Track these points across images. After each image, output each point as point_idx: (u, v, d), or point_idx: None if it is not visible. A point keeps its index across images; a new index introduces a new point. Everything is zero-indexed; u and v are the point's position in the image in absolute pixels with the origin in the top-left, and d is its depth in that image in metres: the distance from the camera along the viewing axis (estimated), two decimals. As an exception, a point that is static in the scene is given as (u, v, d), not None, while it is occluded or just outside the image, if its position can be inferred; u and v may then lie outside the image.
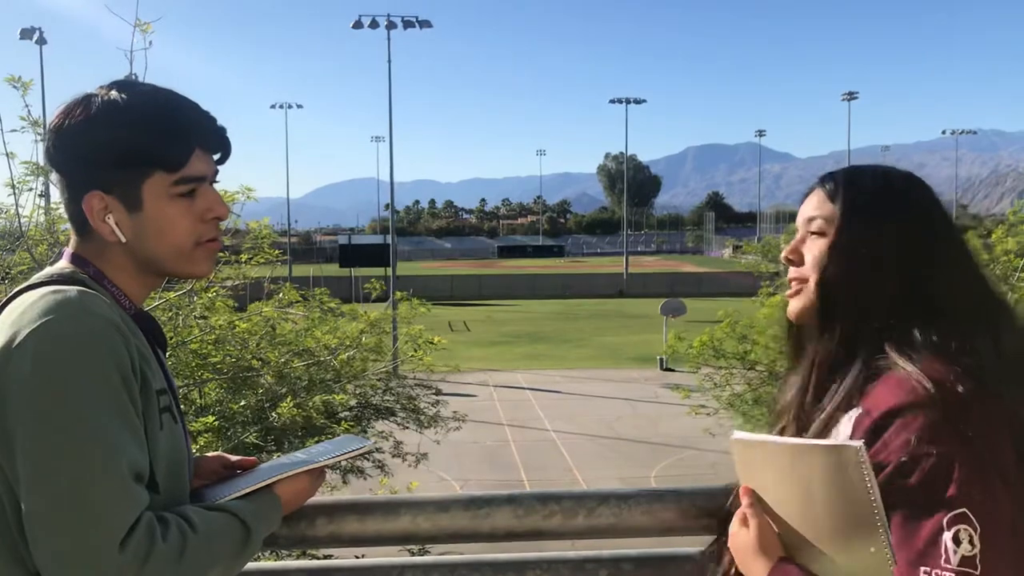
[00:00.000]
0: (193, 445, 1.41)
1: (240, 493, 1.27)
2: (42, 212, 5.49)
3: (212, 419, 4.95)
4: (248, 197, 5.75)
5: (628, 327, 35.11)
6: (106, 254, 1.24)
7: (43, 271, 1.25)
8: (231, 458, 1.48)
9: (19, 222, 5.12)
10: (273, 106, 68.36)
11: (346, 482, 7.78)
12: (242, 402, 6.17)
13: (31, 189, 5.14)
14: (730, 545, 1.20)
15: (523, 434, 17.84)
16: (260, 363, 6.35)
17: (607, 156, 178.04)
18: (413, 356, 7.74)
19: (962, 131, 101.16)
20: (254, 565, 1.70)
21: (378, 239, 55.94)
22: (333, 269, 52.02)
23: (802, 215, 1.28)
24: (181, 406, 1.33)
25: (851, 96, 73.39)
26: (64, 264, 1.25)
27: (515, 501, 1.58)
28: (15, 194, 5.03)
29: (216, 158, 1.29)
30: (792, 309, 1.27)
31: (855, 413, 1.11)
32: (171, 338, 5.45)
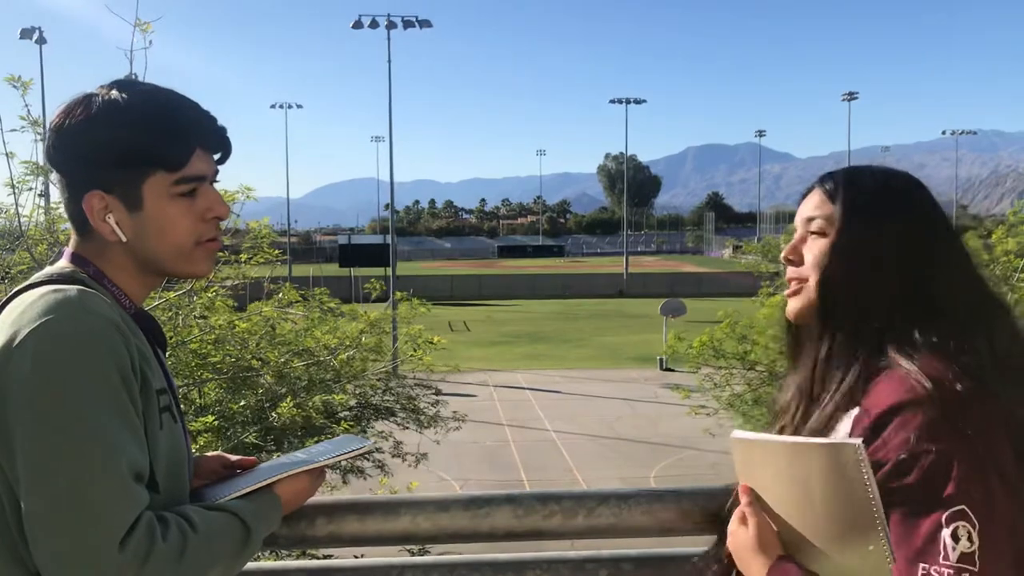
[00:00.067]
0: (193, 445, 1.41)
1: (240, 493, 1.27)
2: (42, 212, 5.50)
3: (212, 419, 4.95)
4: (248, 197, 5.75)
5: (628, 327, 35.11)
6: (106, 254, 1.24)
7: (43, 270, 1.25)
8: (231, 458, 1.48)
9: (19, 221, 5.12)
10: (273, 106, 68.56)
11: (346, 482, 7.78)
12: (242, 402, 6.17)
13: (31, 189, 5.15)
14: (729, 544, 1.20)
15: (523, 434, 17.84)
16: (260, 363, 6.35)
17: (607, 156, 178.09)
18: (413, 356, 7.74)
19: (962, 131, 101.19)
20: (254, 565, 1.70)
21: (378, 239, 55.92)
22: (333, 269, 52.03)
23: (801, 215, 1.28)
24: (181, 406, 1.33)
25: (851, 96, 73.42)
26: (64, 263, 1.24)
27: (515, 501, 1.58)
28: (15, 193, 5.04)
29: (216, 158, 1.29)
30: (791, 309, 1.27)
31: (855, 412, 1.11)
32: (171, 338, 5.45)
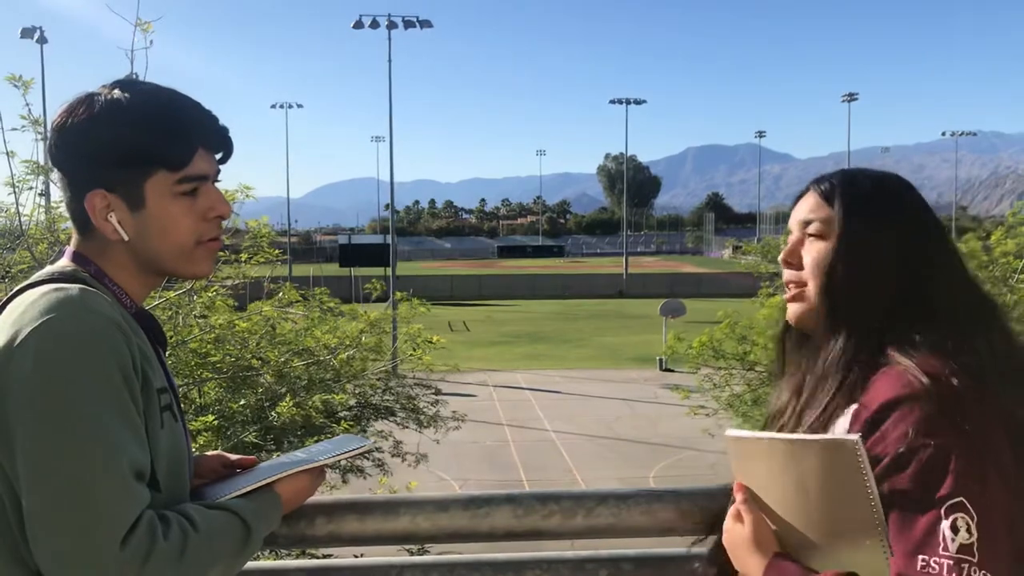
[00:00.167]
0: (192, 444, 1.41)
1: (240, 492, 1.27)
2: (42, 211, 5.50)
3: (212, 418, 4.95)
4: (247, 196, 5.75)
5: (628, 327, 35.10)
6: (107, 253, 1.24)
7: (44, 269, 1.25)
8: (231, 457, 1.48)
9: (19, 221, 5.12)
10: (273, 106, 68.56)
11: (345, 481, 7.79)
12: (241, 401, 6.17)
13: (31, 188, 5.16)
14: (724, 541, 1.20)
15: (522, 434, 17.83)
16: (260, 362, 6.35)
17: (607, 156, 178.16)
18: (412, 355, 7.74)
19: (962, 132, 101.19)
20: (253, 564, 1.70)
21: (378, 239, 55.91)
22: (333, 269, 52.01)
23: (796, 217, 1.28)
24: (181, 405, 1.33)
25: (851, 97, 73.43)
26: (65, 262, 1.25)
27: (514, 501, 1.58)
28: (15, 193, 5.04)
29: (218, 157, 1.29)
30: (793, 314, 1.27)
31: (853, 408, 1.12)
32: (171, 337, 5.46)
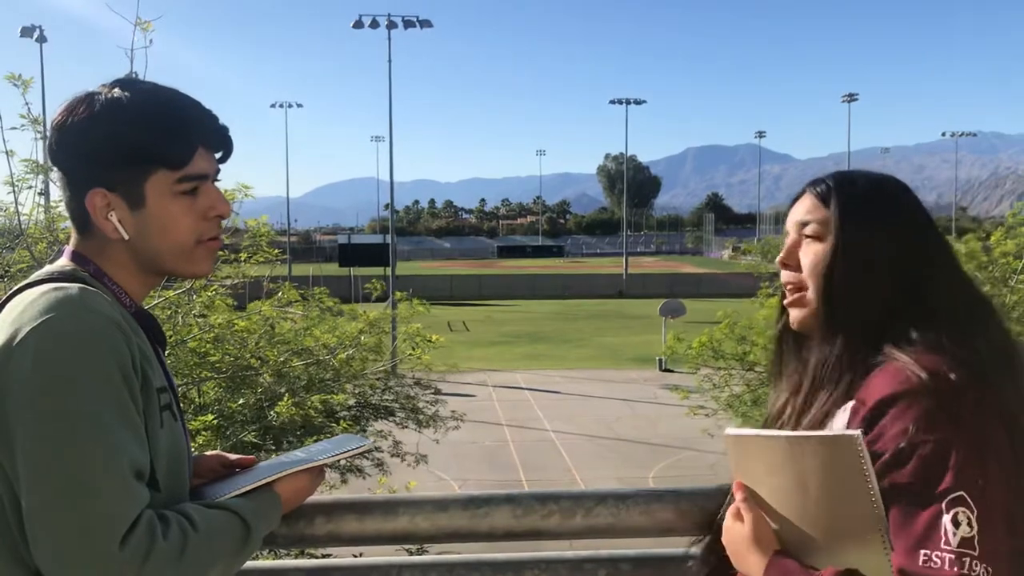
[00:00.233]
0: (192, 444, 1.41)
1: (240, 491, 1.27)
2: (41, 210, 5.50)
3: (211, 418, 4.95)
4: (246, 195, 5.75)
5: (627, 328, 35.10)
6: (107, 252, 1.24)
7: (43, 269, 1.25)
8: (230, 457, 1.48)
9: (19, 220, 5.12)
10: (273, 105, 68.63)
11: (345, 481, 7.79)
12: (241, 401, 6.17)
13: (31, 187, 5.16)
14: (724, 540, 1.20)
15: (522, 434, 17.83)
16: (259, 362, 6.34)
17: (607, 157, 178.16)
18: (411, 354, 7.74)
19: (962, 133, 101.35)
20: (253, 564, 1.70)
21: (378, 239, 55.85)
22: (333, 268, 52.00)
23: (793, 219, 1.29)
24: (181, 404, 1.33)
25: (851, 97, 73.46)
26: (64, 262, 1.24)
27: (513, 501, 1.58)
28: (15, 192, 5.04)
29: (218, 156, 1.29)
30: (794, 318, 1.27)
31: (850, 405, 1.12)
32: (170, 336, 5.45)
